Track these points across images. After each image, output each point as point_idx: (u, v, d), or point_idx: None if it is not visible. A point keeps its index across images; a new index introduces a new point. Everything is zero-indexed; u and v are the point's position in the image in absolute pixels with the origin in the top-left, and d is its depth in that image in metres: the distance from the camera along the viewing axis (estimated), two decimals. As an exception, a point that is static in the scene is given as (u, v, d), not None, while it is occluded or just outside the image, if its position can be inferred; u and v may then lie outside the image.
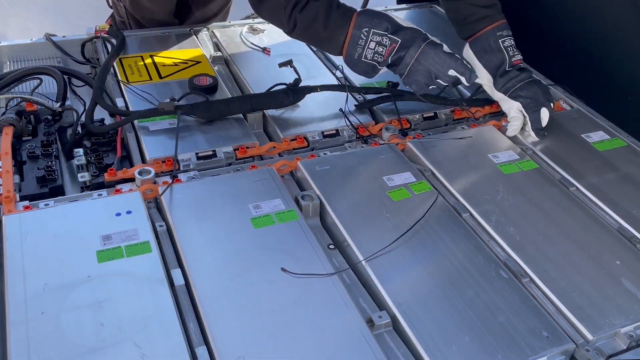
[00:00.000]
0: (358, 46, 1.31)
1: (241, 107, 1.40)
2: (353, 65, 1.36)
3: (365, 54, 1.32)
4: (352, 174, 1.27)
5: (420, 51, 1.30)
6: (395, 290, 1.02)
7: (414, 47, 1.30)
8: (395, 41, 1.30)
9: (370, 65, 1.34)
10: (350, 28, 1.30)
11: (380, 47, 1.30)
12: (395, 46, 1.30)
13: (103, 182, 1.22)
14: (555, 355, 0.95)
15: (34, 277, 0.96)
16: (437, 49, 1.31)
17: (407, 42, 1.30)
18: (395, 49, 1.30)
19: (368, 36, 1.29)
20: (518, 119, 1.44)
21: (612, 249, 1.15)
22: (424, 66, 1.31)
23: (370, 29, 1.29)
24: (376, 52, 1.31)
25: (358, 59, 1.33)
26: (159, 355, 0.86)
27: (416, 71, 1.32)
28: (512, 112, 1.45)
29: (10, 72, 1.51)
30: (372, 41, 1.30)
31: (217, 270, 1.01)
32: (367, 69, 1.35)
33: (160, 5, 1.94)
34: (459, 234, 1.15)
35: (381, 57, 1.31)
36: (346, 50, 1.33)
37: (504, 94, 1.45)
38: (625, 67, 1.71)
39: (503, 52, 1.44)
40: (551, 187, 1.30)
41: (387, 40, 1.29)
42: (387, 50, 1.30)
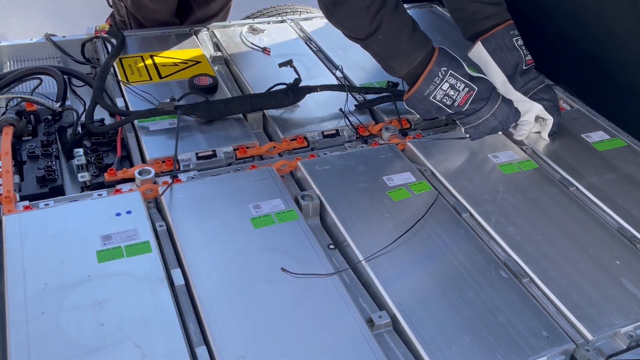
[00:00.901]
0: (432, 83, 1.25)
1: (241, 107, 1.40)
2: (417, 102, 1.29)
3: (435, 94, 1.26)
4: (352, 174, 1.27)
5: (497, 106, 1.30)
6: (395, 290, 1.02)
7: (491, 101, 1.29)
8: (472, 89, 1.26)
9: (435, 107, 1.29)
10: (431, 63, 1.25)
11: (452, 90, 1.25)
12: (472, 94, 1.27)
13: (103, 182, 1.22)
14: (555, 355, 0.95)
15: (34, 277, 0.96)
16: (510, 106, 1.33)
17: (483, 92, 1.28)
18: (472, 97, 1.27)
19: (445, 76, 1.25)
20: (529, 124, 1.40)
21: (612, 249, 1.15)
22: (498, 121, 1.31)
23: (449, 70, 1.25)
24: (447, 95, 1.26)
25: (427, 97, 1.27)
26: (159, 355, 0.86)
27: (486, 125, 1.32)
28: (529, 115, 1.39)
29: (10, 72, 1.51)
30: (447, 82, 1.25)
31: (217, 270, 1.01)
32: (431, 109, 1.30)
33: (162, 5, 1.94)
34: (459, 234, 1.15)
35: (451, 101, 1.27)
36: (419, 85, 1.26)
37: (524, 95, 1.39)
38: (625, 67, 1.71)
39: (519, 51, 1.40)
40: (551, 187, 1.30)
41: (462, 86, 1.26)
42: (464, 96, 1.26)
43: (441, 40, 1.87)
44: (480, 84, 1.28)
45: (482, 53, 1.42)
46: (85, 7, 3.43)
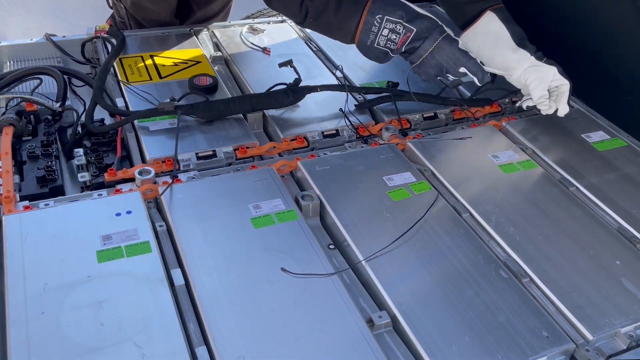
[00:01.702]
0: (371, 33, 1.29)
1: (241, 107, 1.40)
2: (365, 51, 1.35)
3: (378, 41, 1.30)
4: (352, 174, 1.27)
5: (436, 45, 1.29)
6: (395, 290, 1.02)
7: (429, 40, 1.29)
8: (410, 30, 1.28)
9: (382, 52, 1.33)
10: (364, 15, 1.28)
11: (393, 34, 1.28)
12: (409, 35, 1.28)
13: (103, 182, 1.22)
14: (555, 355, 0.95)
15: (34, 277, 0.96)
16: (452, 45, 1.30)
17: (423, 32, 1.29)
18: (409, 38, 1.29)
19: (381, 23, 1.28)
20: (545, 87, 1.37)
21: (612, 249, 1.15)
22: (437, 60, 1.31)
23: (384, 16, 1.27)
24: (389, 40, 1.29)
25: (371, 46, 1.32)
26: (159, 355, 0.86)
27: (428, 64, 1.32)
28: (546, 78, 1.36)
29: (10, 72, 1.51)
30: (386, 28, 1.28)
31: (217, 270, 1.01)
32: (379, 55, 1.34)
33: (162, 5, 1.94)
34: (459, 234, 1.15)
35: (394, 45, 1.30)
36: (359, 37, 1.31)
37: (539, 60, 1.38)
38: (625, 68, 1.71)
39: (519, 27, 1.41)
40: (551, 187, 1.30)
41: (401, 28, 1.28)
42: (401, 38, 1.29)
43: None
44: (422, 23, 1.28)
45: (492, 22, 1.40)
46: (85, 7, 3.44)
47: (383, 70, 1.68)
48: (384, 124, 1.44)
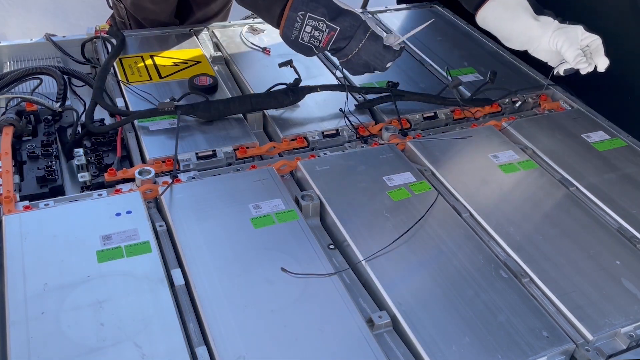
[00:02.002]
0: (294, 29, 1.27)
1: (241, 107, 1.40)
2: (290, 45, 1.32)
3: (301, 37, 1.28)
4: (352, 174, 1.27)
5: (362, 45, 1.27)
6: (395, 290, 1.02)
7: (354, 40, 1.26)
8: (333, 29, 1.25)
9: (307, 47, 1.30)
10: (286, 10, 1.25)
11: (317, 31, 1.26)
12: (333, 34, 1.26)
13: (103, 182, 1.22)
14: (555, 355, 0.95)
15: (34, 277, 0.96)
16: (377, 43, 1.28)
17: (347, 31, 1.26)
18: (333, 38, 1.26)
19: (304, 20, 1.25)
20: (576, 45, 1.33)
21: (612, 249, 1.15)
22: (364, 60, 1.30)
23: (307, 13, 1.24)
24: (313, 36, 1.27)
25: (295, 40, 1.30)
26: (159, 355, 0.86)
27: (356, 62, 1.31)
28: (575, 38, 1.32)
29: (10, 72, 1.51)
30: (309, 25, 1.25)
31: (217, 270, 1.01)
32: (305, 50, 1.32)
33: (162, 6, 1.94)
34: (459, 234, 1.15)
35: (318, 42, 1.28)
36: (282, 31, 1.29)
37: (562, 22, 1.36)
38: (625, 67, 1.71)
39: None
40: (551, 187, 1.30)
41: (324, 26, 1.25)
42: (325, 37, 1.26)
43: (441, 41, 1.88)
44: (345, 21, 1.25)
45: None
46: (85, 7, 3.44)
47: (383, 70, 1.68)
48: (384, 124, 1.44)
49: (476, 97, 1.57)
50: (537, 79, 1.70)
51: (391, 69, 1.65)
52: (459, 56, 1.79)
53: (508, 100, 1.60)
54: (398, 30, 1.91)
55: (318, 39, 1.27)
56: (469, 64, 1.75)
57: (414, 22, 2.01)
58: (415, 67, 1.72)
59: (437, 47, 1.83)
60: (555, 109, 1.61)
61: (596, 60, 1.35)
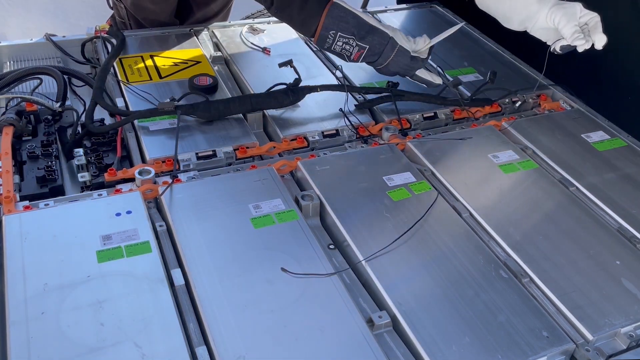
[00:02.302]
0: (326, 43, 1.36)
1: (241, 107, 1.40)
2: (325, 50, 1.40)
3: (334, 47, 1.37)
4: (352, 174, 1.27)
5: (390, 60, 1.37)
6: (395, 290, 1.02)
7: (383, 57, 1.37)
8: (362, 48, 1.35)
9: (338, 54, 1.39)
10: (319, 28, 1.33)
11: (347, 46, 1.35)
12: (363, 52, 1.36)
13: (103, 182, 1.22)
14: (555, 355, 0.95)
15: (34, 277, 0.96)
16: (405, 57, 1.37)
17: (376, 48, 1.35)
18: (363, 54, 1.36)
19: (335, 37, 1.34)
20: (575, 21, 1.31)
21: (612, 249, 1.15)
22: (394, 70, 1.40)
23: (337, 32, 1.33)
24: (344, 49, 1.36)
25: (328, 49, 1.39)
26: (159, 355, 0.86)
27: (387, 71, 1.41)
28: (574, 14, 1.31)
29: (10, 72, 1.51)
30: (339, 42, 1.35)
31: (217, 270, 1.01)
32: (336, 55, 1.41)
33: (163, 6, 1.94)
34: (459, 234, 1.15)
35: (349, 55, 1.37)
36: (316, 42, 1.38)
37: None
38: (625, 67, 1.71)
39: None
40: (551, 187, 1.30)
41: (353, 43, 1.34)
42: (356, 53, 1.36)
43: (441, 41, 1.87)
44: (374, 39, 1.34)
45: None
46: (85, 7, 3.44)
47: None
48: (384, 124, 1.44)
49: (476, 97, 1.57)
50: (537, 79, 1.70)
51: (391, 69, 1.66)
52: (459, 56, 1.79)
53: (508, 100, 1.60)
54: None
55: (349, 52, 1.37)
56: (469, 64, 1.75)
57: (414, 22, 2.01)
58: (415, 67, 1.71)
59: (437, 47, 1.81)
60: (555, 109, 1.61)
61: (594, 37, 1.34)
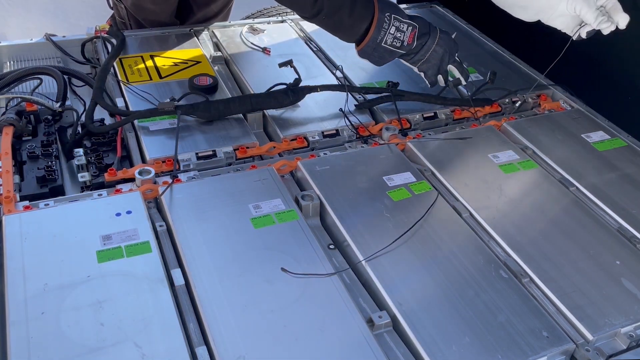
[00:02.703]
0: (382, 29, 1.34)
1: (241, 107, 1.40)
2: (371, 51, 1.38)
3: (386, 39, 1.35)
4: (352, 174, 1.27)
5: (439, 37, 1.39)
6: (395, 290, 1.02)
7: (433, 34, 1.38)
8: (414, 27, 1.36)
9: (388, 51, 1.38)
10: (376, 13, 1.33)
11: (399, 32, 1.35)
12: (415, 31, 1.36)
13: (103, 182, 1.22)
14: (555, 355, 0.95)
15: (34, 277, 0.96)
16: (448, 36, 1.42)
17: (423, 28, 1.37)
18: (416, 34, 1.36)
19: (390, 21, 1.34)
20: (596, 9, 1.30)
21: (612, 249, 1.15)
22: (444, 49, 1.40)
23: (392, 14, 1.34)
24: (395, 37, 1.35)
25: (379, 44, 1.36)
26: (159, 355, 0.86)
27: (436, 55, 1.41)
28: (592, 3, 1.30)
29: (10, 72, 1.51)
30: (393, 26, 1.34)
31: (217, 270, 1.01)
32: (384, 55, 1.39)
33: (163, 6, 1.94)
34: (459, 234, 1.15)
35: (399, 42, 1.36)
36: (370, 36, 1.34)
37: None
38: (625, 67, 1.71)
39: None
40: (551, 187, 1.30)
41: (405, 26, 1.35)
42: (410, 35, 1.36)
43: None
44: (419, 20, 1.38)
45: None
46: (85, 7, 3.44)
47: (383, 70, 1.68)
48: (384, 124, 1.44)
49: (476, 97, 1.57)
50: (537, 79, 1.70)
51: (391, 69, 1.66)
52: (459, 56, 1.79)
53: (508, 100, 1.60)
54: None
55: (400, 40, 1.36)
56: (469, 64, 1.75)
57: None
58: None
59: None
60: (555, 109, 1.61)
61: (616, 18, 1.33)
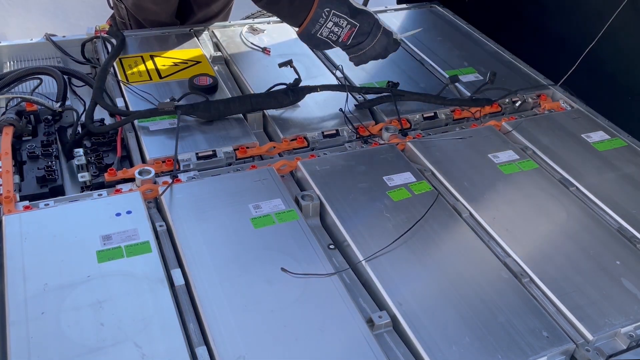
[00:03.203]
0: (317, 23, 1.38)
1: (241, 107, 1.40)
2: (307, 39, 1.43)
3: (322, 32, 1.39)
4: (352, 174, 1.27)
5: (377, 39, 1.42)
6: (395, 290, 1.02)
7: (371, 36, 1.41)
8: (354, 25, 1.38)
9: (323, 42, 1.42)
10: (314, 7, 1.35)
11: (336, 27, 1.38)
12: (354, 30, 1.39)
13: (103, 182, 1.22)
14: (555, 355, 0.95)
15: (34, 277, 0.96)
16: (389, 37, 1.43)
17: (365, 27, 1.40)
18: (353, 33, 1.39)
19: (328, 16, 1.37)
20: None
21: (612, 249, 1.15)
22: (377, 52, 1.44)
23: (331, 10, 1.36)
24: (332, 32, 1.39)
25: (314, 35, 1.40)
26: (159, 355, 0.86)
27: (367, 55, 1.44)
28: None
29: (10, 72, 1.51)
30: (331, 21, 1.37)
31: (217, 270, 1.01)
32: (320, 44, 1.43)
33: (164, 6, 1.94)
34: (459, 234, 1.15)
35: (335, 37, 1.40)
36: (304, 26, 1.39)
37: None
38: (625, 67, 1.71)
39: None
40: (551, 187, 1.30)
41: (345, 23, 1.38)
42: (346, 33, 1.39)
43: (441, 41, 1.88)
44: (363, 19, 1.39)
45: None
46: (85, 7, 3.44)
47: (383, 70, 1.68)
48: (384, 124, 1.44)
49: (476, 97, 1.57)
50: (537, 79, 1.70)
51: (391, 68, 1.66)
52: (459, 56, 1.79)
53: (508, 100, 1.60)
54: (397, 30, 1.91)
55: (337, 34, 1.40)
56: (469, 64, 1.75)
57: (414, 22, 2.01)
58: (415, 67, 1.72)
59: (437, 47, 1.83)
60: (555, 109, 1.61)
61: None
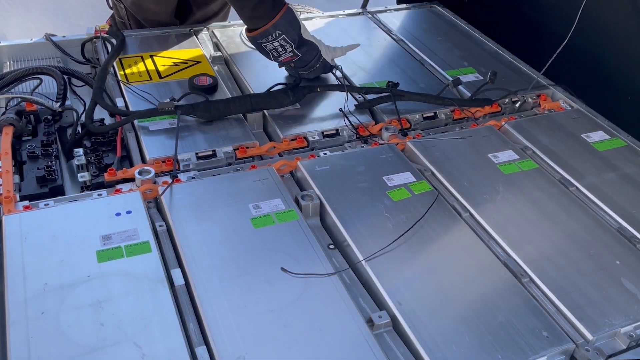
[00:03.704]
0: (265, 38, 1.43)
1: (241, 107, 1.40)
2: (252, 43, 1.48)
3: (266, 45, 1.45)
4: (352, 174, 1.27)
5: (313, 70, 1.52)
6: (395, 290, 1.02)
7: (308, 66, 1.50)
8: (296, 55, 1.46)
9: (265, 52, 1.48)
10: (270, 23, 1.40)
11: (281, 48, 1.45)
12: (294, 58, 1.47)
13: (103, 182, 1.22)
14: (555, 355, 0.95)
15: (34, 277, 0.96)
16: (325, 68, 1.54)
17: (306, 60, 1.48)
18: (293, 61, 1.48)
19: (277, 37, 1.42)
20: None
21: (612, 249, 1.15)
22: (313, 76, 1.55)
23: (282, 34, 1.42)
24: (275, 49, 1.45)
25: (259, 44, 1.46)
26: (159, 355, 0.86)
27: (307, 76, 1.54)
28: None
29: (10, 72, 1.51)
30: (278, 42, 1.43)
31: (217, 270, 1.01)
32: (261, 52, 1.49)
33: (163, 6, 1.94)
34: (459, 234, 1.15)
35: (277, 54, 1.47)
36: (255, 34, 1.43)
37: None
38: (625, 68, 1.71)
39: None
40: (551, 187, 1.30)
41: (289, 48, 1.44)
42: (287, 57, 1.46)
43: (441, 41, 1.88)
44: (308, 51, 1.47)
45: None
46: (85, 7, 3.44)
47: (383, 70, 1.68)
48: (384, 124, 1.44)
49: (476, 97, 1.57)
50: (537, 79, 1.70)
51: (391, 68, 1.66)
52: (459, 56, 1.79)
53: (508, 100, 1.60)
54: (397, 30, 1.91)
55: (279, 53, 1.46)
56: (469, 64, 1.75)
57: (414, 22, 2.01)
58: (415, 67, 1.72)
59: (437, 47, 1.83)
60: (555, 109, 1.61)
61: None
